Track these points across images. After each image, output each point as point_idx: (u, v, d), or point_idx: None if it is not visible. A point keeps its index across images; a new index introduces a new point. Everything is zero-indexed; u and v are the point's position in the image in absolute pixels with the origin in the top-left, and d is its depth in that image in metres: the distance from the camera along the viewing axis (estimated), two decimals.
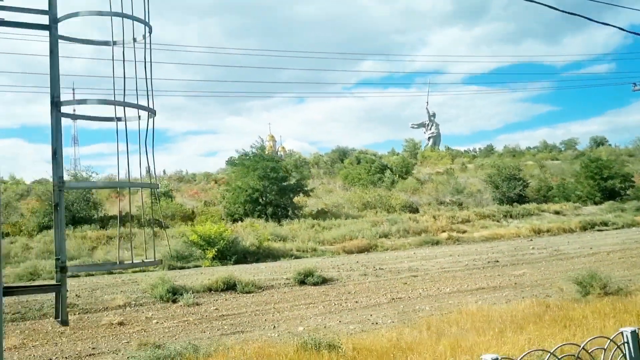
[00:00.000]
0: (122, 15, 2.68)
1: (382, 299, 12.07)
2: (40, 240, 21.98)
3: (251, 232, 23.67)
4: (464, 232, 27.63)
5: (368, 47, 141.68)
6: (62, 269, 2.88)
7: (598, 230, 27.87)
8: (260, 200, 29.61)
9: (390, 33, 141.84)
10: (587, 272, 10.32)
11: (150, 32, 2.86)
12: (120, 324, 10.63)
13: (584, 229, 28.47)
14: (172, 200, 32.23)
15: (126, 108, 2.86)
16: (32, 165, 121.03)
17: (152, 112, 2.84)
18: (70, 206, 27.52)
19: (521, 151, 77.34)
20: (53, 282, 2.72)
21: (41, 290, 2.83)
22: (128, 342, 9.28)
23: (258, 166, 29.53)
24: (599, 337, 3.59)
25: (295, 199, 31.68)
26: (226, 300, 12.53)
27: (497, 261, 17.06)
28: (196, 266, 18.08)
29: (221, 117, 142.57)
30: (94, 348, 8.94)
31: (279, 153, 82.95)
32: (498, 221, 31.82)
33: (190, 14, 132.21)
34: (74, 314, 11.45)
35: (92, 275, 17.01)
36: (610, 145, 78.95)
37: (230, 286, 13.35)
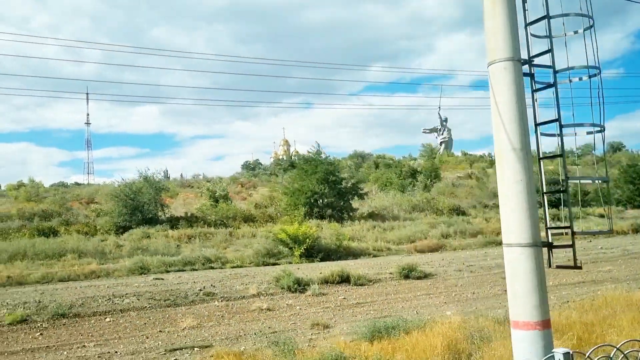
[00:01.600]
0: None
1: (495, 290, 13.14)
2: (128, 239, 23.38)
3: (319, 232, 24.79)
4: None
5: (375, 54, 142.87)
6: (573, 233, 4.15)
7: None
8: (319, 202, 30.79)
9: (398, 39, 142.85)
10: None
11: (595, 75, 4.05)
12: (268, 309, 11.82)
13: (635, 231, 29.27)
14: (231, 203, 33.60)
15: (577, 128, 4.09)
16: (42, 169, 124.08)
17: (602, 128, 4.04)
18: (141, 207, 28.92)
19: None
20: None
21: (566, 247, 4.04)
22: (294, 322, 10.47)
23: (318, 169, 30.75)
24: None
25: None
26: (346, 291, 13.68)
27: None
28: (288, 262, 19.27)
29: (228, 122, 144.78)
30: (269, 327, 10.13)
31: (292, 157, 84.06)
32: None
33: (199, 20, 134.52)
34: (219, 301, 12.70)
35: (196, 270, 18.28)
36: (627, 150, 79.08)
37: (343, 279, 14.48)
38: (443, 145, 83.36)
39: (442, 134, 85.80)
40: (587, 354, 3.46)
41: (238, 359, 6.23)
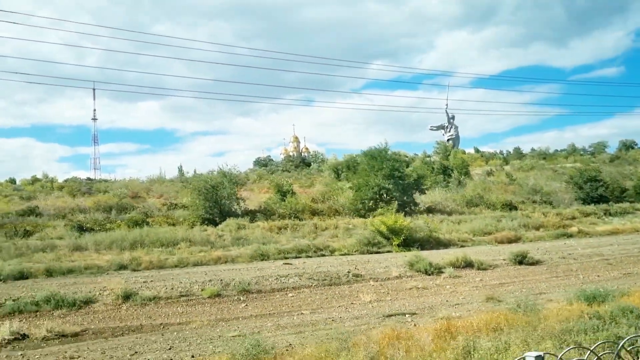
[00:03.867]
0: None
1: (614, 274, 14.65)
2: (225, 229, 25.11)
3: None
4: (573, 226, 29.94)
5: (377, 51, 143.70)
6: None
7: None
8: (384, 196, 32.35)
9: (399, 37, 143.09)
10: None
11: None
12: (424, 288, 13.44)
13: None
14: (296, 196, 35.23)
15: None
16: (43, 164, 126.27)
17: None
18: (219, 201, 30.59)
19: (552, 154, 79.30)
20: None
21: None
22: (464, 297, 12.06)
23: (384, 165, 32.34)
24: None
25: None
26: (476, 274, 15.26)
27: None
28: (388, 251, 20.87)
29: (229, 118, 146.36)
30: (447, 300, 11.74)
31: (303, 153, 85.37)
32: (599, 218, 34.11)
33: (200, 17, 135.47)
34: (371, 281, 14.32)
35: (310, 257, 19.91)
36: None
37: (467, 264, 16.06)
38: (450, 142, 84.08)
39: (450, 131, 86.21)
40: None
41: (499, 316, 7.76)
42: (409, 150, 75.04)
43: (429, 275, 15.01)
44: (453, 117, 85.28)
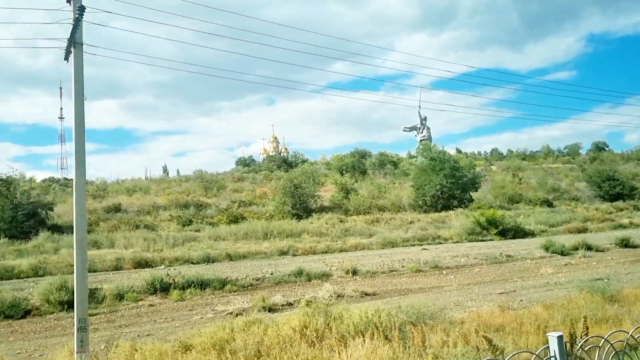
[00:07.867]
0: None
1: None
2: (329, 222, 27.91)
3: (461, 217, 29.65)
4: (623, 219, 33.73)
5: (338, 52, 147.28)
6: None
7: None
8: (443, 194, 35.62)
9: (360, 38, 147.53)
10: None
11: None
12: (576, 264, 16.58)
13: None
14: (358, 195, 38.18)
15: None
16: None
17: None
18: (298, 200, 33.28)
19: (530, 155, 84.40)
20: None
21: None
22: (625, 269, 15.24)
23: (445, 166, 35.60)
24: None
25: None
26: (601, 255, 18.49)
27: None
28: (490, 239, 24.03)
29: (190, 117, 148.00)
30: (616, 272, 14.89)
31: (282, 154, 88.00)
32: (632, 212, 38.08)
33: (158, 15, 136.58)
34: (527, 260, 17.42)
35: (430, 244, 22.90)
36: (612, 150, 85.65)
37: (586, 247, 19.29)
38: (424, 142, 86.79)
39: (422, 132, 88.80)
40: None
41: None
42: (373, 149, 77.49)
43: (565, 255, 18.19)
44: (425, 118, 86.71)
